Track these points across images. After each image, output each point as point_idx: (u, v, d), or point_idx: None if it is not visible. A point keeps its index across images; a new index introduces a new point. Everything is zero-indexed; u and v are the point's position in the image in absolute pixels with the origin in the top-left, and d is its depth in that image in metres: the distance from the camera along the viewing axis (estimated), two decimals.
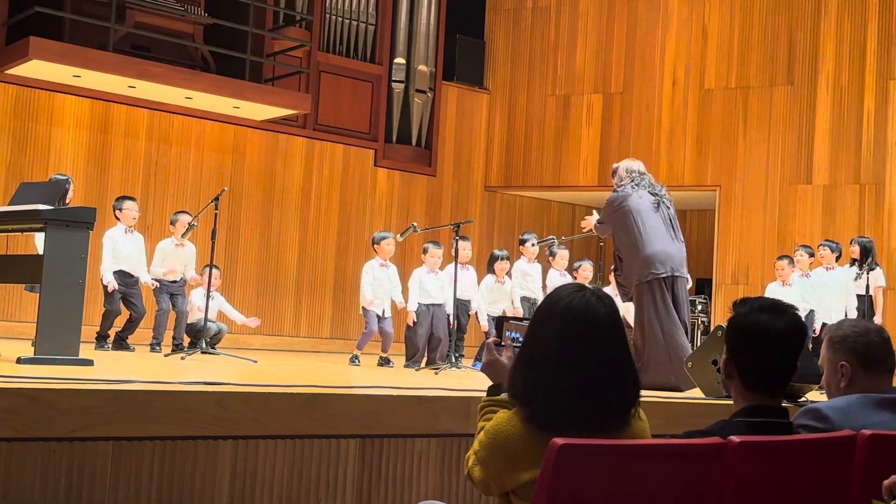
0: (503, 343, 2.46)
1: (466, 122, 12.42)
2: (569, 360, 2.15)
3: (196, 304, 8.15)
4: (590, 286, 2.29)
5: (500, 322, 2.55)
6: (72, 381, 3.48)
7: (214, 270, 7.72)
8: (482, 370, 2.46)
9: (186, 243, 8.11)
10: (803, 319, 7.94)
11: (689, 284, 6.39)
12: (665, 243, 6.17)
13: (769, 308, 2.39)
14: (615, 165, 6.67)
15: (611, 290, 8.87)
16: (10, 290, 9.06)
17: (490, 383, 2.47)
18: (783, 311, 2.38)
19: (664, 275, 6.07)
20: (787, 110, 11.21)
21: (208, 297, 7.43)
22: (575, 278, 8.69)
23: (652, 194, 6.31)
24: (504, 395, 2.33)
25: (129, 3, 9.63)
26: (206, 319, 7.42)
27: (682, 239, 6.39)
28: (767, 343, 2.35)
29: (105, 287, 7.79)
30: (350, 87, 11.47)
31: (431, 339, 8.02)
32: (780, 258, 9.14)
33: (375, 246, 8.20)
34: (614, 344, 2.19)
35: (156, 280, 7.96)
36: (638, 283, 6.12)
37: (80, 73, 9.04)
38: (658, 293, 6.06)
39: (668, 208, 6.36)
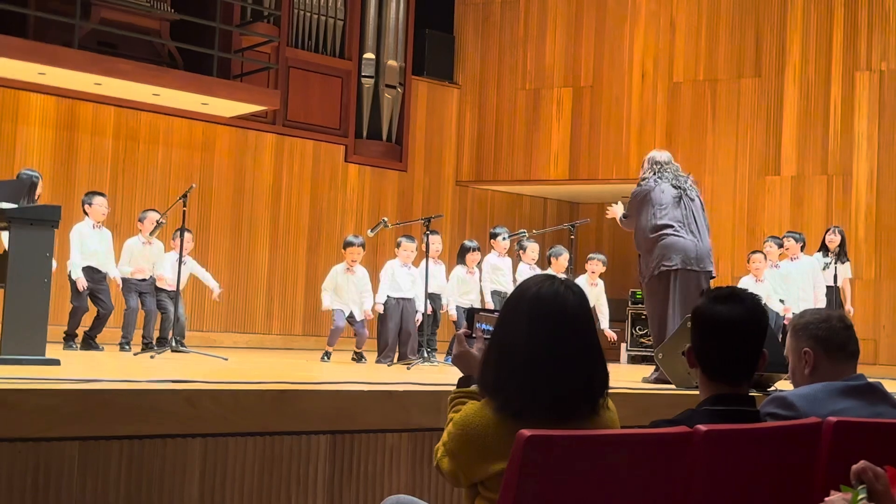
0: (474, 335, 2.46)
1: (437, 116, 12.41)
2: (538, 350, 2.15)
3: (167, 276, 7.92)
4: (560, 276, 2.30)
5: (470, 314, 2.55)
6: (37, 380, 3.44)
7: (187, 234, 7.63)
8: (452, 362, 2.46)
9: (154, 241, 8.04)
10: (776, 300, 7.92)
11: (714, 276, 6.42)
12: (679, 236, 6.20)
13: (727, 297, 2.40)
14: (645, 157, 6.67)
15: (585, 279, 8.91)
16: None
17: (460, 375, 2.47)
18: (742, 299, 2.40)
19: (674, 267, 6.11)
20: (754, 102, 11.29)
21: (181, 262, 7.31)
22: (550, 265, 8.70)
23: (675, 187, 6.32)
24: (474, 387, 2.33)
25: None
26: (178, 286, 7.30)
27: (706, 231, 6.37)
28: (725, 332, 2.36)
29: (73, 283, 7.71)
30: (319, 82, 11.42)
31: (401, 333, 8.02)
32: (754, 252, 9.14)
33: (343, 251, 8.18)
34: (583, 333, 2.19)
35: (124, 278, 7.90)
36: (650, 275, 6.17)
37: (45, 70, 8.94)
38: (670, 285, 6.11)
39: (693, 200, 6.35)
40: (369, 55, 11.71)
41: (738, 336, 2.37)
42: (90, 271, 7.79)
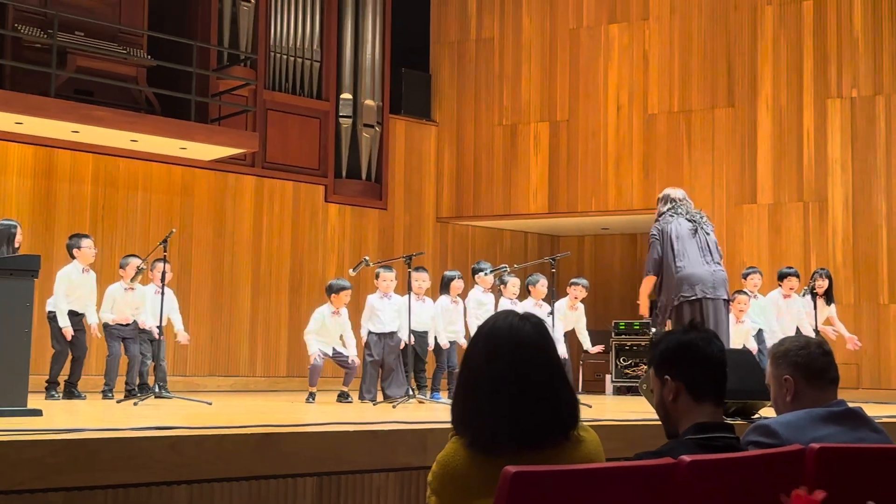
0: None
1: (415, 154, 12.47)
2: (498, 383, 2.18)
3: (149, 323, 7.83)
4: (520, 311, 2.32)
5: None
6: (20, 432, 3.42)
7: (165, 265, 7.56)
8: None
9: (137, 286, 8.01)
10: (752, 337, 8.10)
11: (731, 301, 6.72)
12: (696, 267, 6.49)
13: (697, 327, 2.53)
14: (660, 195, 6.95)
15: (564, 303, 8.90)
16: None
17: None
18: (698, 327, 2.53)
19: (692, 297, 6.39)
20: (729, 132, 11.42)
21: (163, 294, 7.27)
22: (529, 294, 8.77)
23: (690, 220, 6.60)
24: None
25: (71, 47, 9.56)
26: (161, 319, 7.27)
27: (720, 261, 6.67)
28: (701, 353, 2.45)
29: (56, 328, 7.65)
30: (298, 123, 11.46)
31: (383, 368, 8.01)
32: (739, 293, 8.91)
33: (333, 295, 8.11)
34: (542, 363, 2.22)
35: (106, 324, 7.85)
36: (672, 306, 6.44)
37: (22, 119, 8.94)
38: (688, 315, 6.30)
39: (708, 234, 6.67)
40: (346, 95, 11.78)
41: (723, 361, 2.46)
42: (70, 314, 7.74)
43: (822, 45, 11.08)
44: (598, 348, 9.18)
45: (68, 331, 7.62)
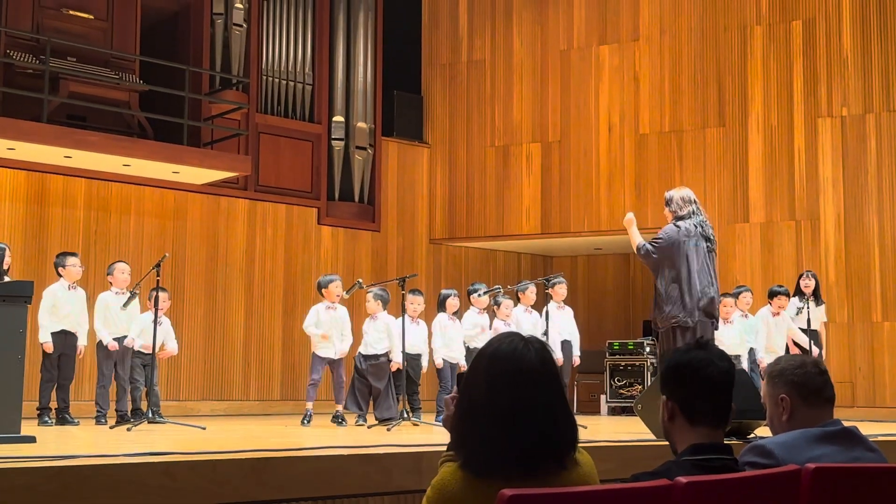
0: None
1: (408, 176, 12.49)
2: (498, 407, 2.17)
3: (136, 339, 7.84)
4: (524, 335, 2.31)
5: (460, 377, 2.56)
6: (14, 459, 3.40)
7: (162, 293, 7.58)
8: (443, 424, 2.48)
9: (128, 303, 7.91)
10: (744, 358, 8.12)
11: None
12: (705, 287, 6.46)
13: (703, 346, 2.49)
14: (668, 195, 6.81)
15: (553, 306, 8.89)
16: None
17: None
18: (705, 346, 2.50)
19: (694, 322, 6.38)
20: (720, 151, 11.46)
21: (156, 323, 7.26)
22: (519, 300, 8.81)
23: (705, 238, 6.61)
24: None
25: (63, 73, 9.58)
26: (154, 347, 7.24)
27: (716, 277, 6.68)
28: (696, 375, 2.43)
29: (42, 349, 7.60)
30: (290, 146, 11.48)
31: (372, 390, 8.00)
32: (724, 295, 9.19)
33: (323, 290, 8.17)
34: (544, 388, 2.21)
35: (99, 343, 7.79)
36: (670, 326, 6.37)
37: (14, 145, 8.94)
38: (687, 338, 6.24)
39: (712, 251, 6.65)
40: (339, 118, 11.81)
41: (724, 382, 2.45)
42: (62, 336, 7.70)
43: (811, 64, 11.15)
44: (576, 361, 9.19)
45: (48, 346, 7.57)
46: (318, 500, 3.75)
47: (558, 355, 8.71)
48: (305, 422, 7.80)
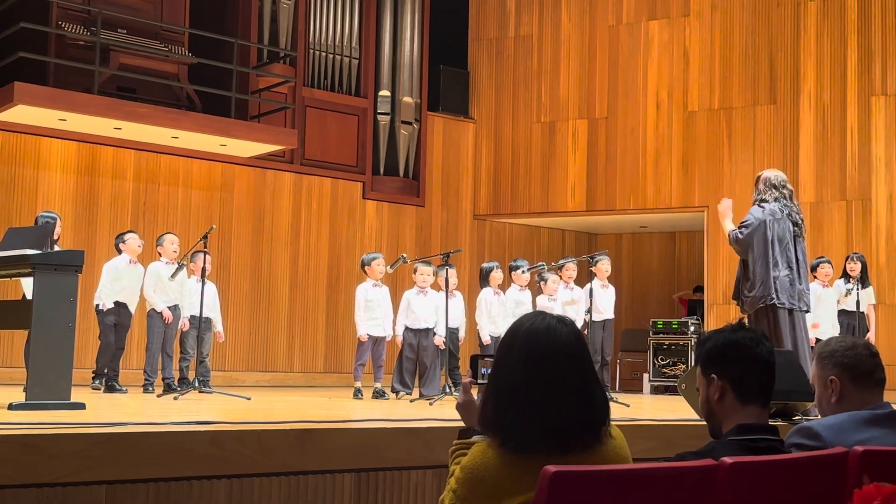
0: (478, 382, 2.47)
1: (453, 151, 12.47)
2: (534, 384, 2.20)
3: (186, 315, 8.01)
4: (552, 314, 2.31)
5: (474, 360, 2.54)
6: (63, 425, 3.47)
7: (207, 256, 7.73)
8: (457, 410, 2.47)
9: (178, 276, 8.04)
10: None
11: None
12: (789, 271, 6.36)
13: (736, 327, 2.49)
14: (759, 175, 6.74)
15: (597, 283, 8.84)
16: (1, 336, 9.01)
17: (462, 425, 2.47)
18: (744, 327, 2.50)
19: (783, 306, 6.27)
20: (770, 129, 11.29)
21: (203, 284, 7.39)
22: (560, 277, 8.79)
23: (794, 223, 6.45)
24: (475, 438, 2.33)
25: (114, 45, 9.67)
26: (200, 312, 7.36)
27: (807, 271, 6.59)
28: (749, 353, 2.43)
29: (100, 315, 7.78)
30: (336, 120, 11.51)
31: (419, 366, 8.03)
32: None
33: (366, 268, 8.24)
34: (578, 364, 2.23)
35: (150, 312, 7.97)
36: (758, 307, 6.30)
37: (65, 116, 9.06)
38: (777, 320, 6.25)
39: (799, 236, 6.51)
40: (385, 92, 11.81)
41: (772, 362, 2.44)
42: (118, 306, 7.92)
43: (866, 41, 10.92)
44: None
45: (106, 305, 7.78)
46: (360, 471, 3.78)
47: (597, 333, 8.70)
48: (359, 395, 7.87)
